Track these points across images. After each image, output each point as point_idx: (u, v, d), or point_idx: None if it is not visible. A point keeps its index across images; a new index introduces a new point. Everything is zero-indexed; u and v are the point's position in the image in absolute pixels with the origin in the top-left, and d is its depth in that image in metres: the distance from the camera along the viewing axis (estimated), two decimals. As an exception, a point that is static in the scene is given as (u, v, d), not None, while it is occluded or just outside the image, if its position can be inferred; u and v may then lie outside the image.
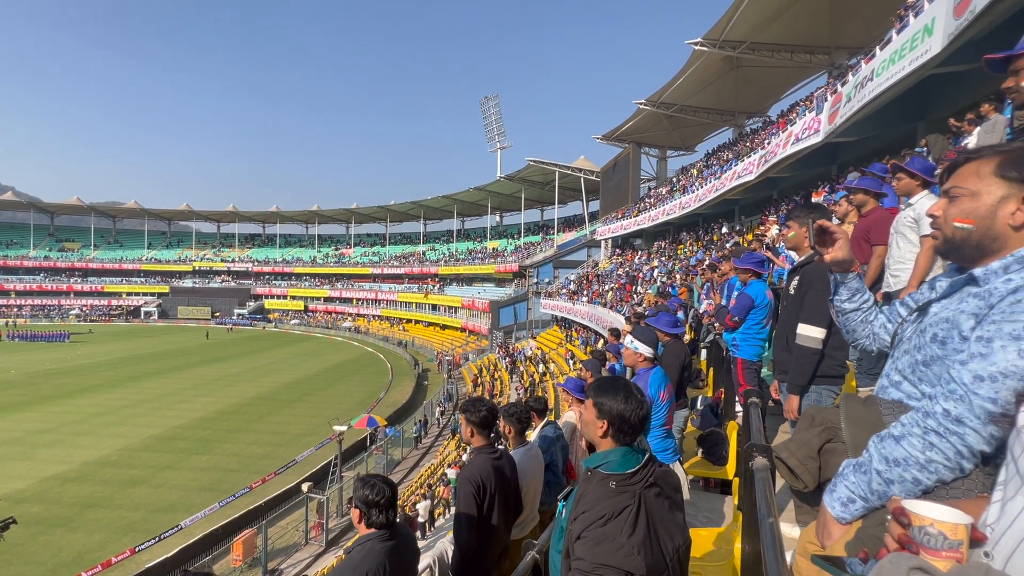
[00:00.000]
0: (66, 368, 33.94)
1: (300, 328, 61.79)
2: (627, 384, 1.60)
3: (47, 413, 23.39)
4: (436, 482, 16.45)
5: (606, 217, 36.93)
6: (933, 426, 0.98)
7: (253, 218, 76.58)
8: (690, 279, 12.75)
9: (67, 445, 19.33)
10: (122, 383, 29.66)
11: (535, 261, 44.87)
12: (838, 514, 1.08)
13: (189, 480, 16.67)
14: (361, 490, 1.98)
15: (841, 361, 2.66)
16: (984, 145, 1.46)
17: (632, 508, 1.39)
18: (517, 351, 33.16)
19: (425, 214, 67.29)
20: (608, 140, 35.71)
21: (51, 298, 67.01)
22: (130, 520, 14.05)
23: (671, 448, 3.35)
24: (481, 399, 2.75)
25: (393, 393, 29.32)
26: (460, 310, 49.29)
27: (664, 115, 29.60)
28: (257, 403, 26.20)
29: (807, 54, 21.38)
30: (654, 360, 3.54)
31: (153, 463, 17.88)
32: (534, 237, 54.31)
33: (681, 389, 4.21)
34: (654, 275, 21.27)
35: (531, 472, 3.23)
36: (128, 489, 15.86)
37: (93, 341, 47.45)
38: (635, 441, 1.58)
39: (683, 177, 29.94)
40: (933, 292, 1.17)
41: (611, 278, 28.09)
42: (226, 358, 39.28)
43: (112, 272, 70.68)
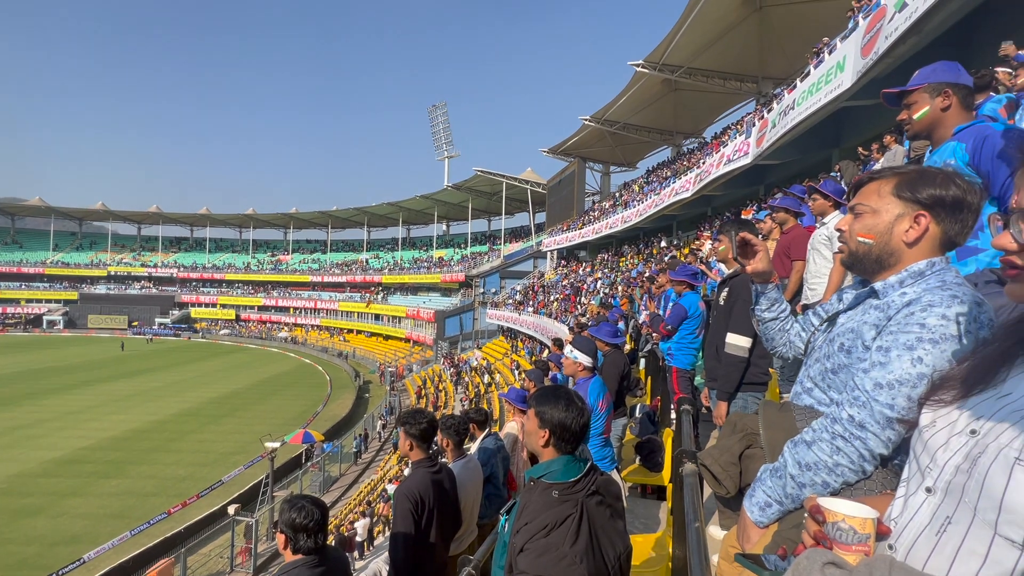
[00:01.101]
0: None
1: (231, 338, 58.15)
2: (568, 392, 1.61)
3: (-79, 436, 20.49)
4: (376, 499, 15.89)
5: (552, 229, 37.65)
6: (840, 431, 1.05)
7: (180, 220, 71.51)
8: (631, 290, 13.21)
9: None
10: (17, 401, 26.52)
11: (482, 271, 44.86)
12: (756, 518, 1.13)
13: (96, 507, 15.10)
14: (288, 513, 1.86)
15: (765, 368, 2.82)
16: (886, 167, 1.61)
17: (575, 517, 1.39)
18: (462, 362, 32.86)
19: (369, 221, 65.64)
20: (554, 154, 36.55)
21: (-69, 305, 59.14)
22: (22, 555, 12.50)
23: (609, 456, 3.42)
24: (421, 411, 2.68)
25: (332, 407, 28.12)
26: (404, 320, 48.30)
27: (608, 132, 30.71)
28: (180, 420, 24.28)
29: (738, 81, 22.98)
30: (593, 370, 3.61)
31: (52, 489, 16.06)
32: (481, 247, 54.34)
33: (620, 398, 4.32)
34: (597, 286, 21.86)
35: (470, 485, 3.18)
36: (21, 520, 14.13)
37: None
38: (577, 450, 1.59)
39: (625, 192, 31.12)
40: (841, 303, 1.26)
41: (556, 289, 28.57)
42: (144, 371, 36.14)
43: (8, 276, 63.51)
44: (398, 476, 15.92)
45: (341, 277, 60.13)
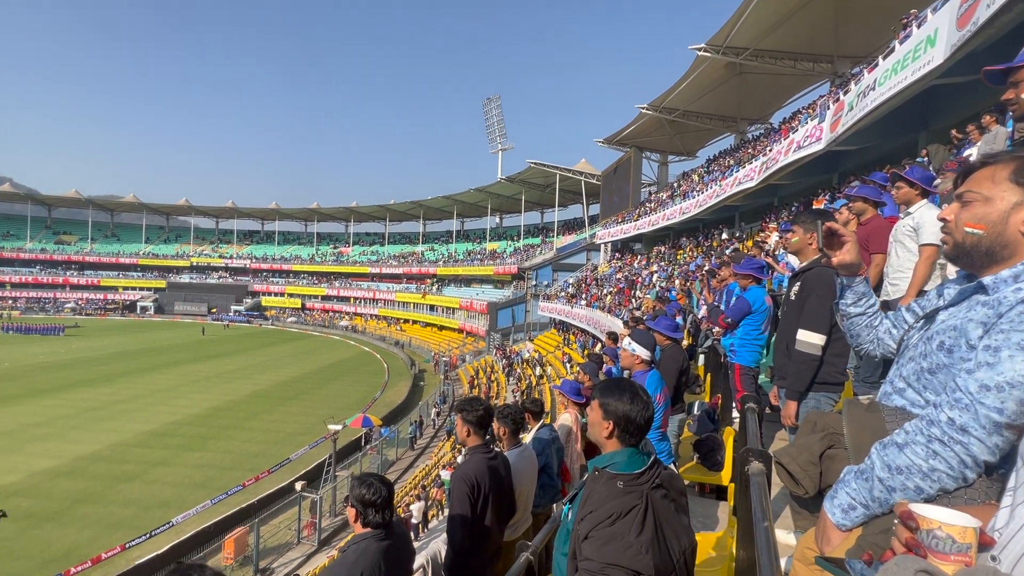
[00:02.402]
0: (60, 362, 33.81)
1: (297, 326, 61.69)
2: (633, 386, 1.60)
3: (40, 406, 23.29)
4: (430, 484, 16.40)
5: (606, 221, 36.99)
6: (937, 435, 0.97)
7: (252, 214, 76.49)
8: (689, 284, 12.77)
9: (59, 439, 19.24)
10: (116, 378, 29.55)
11: (534, 263, 44.87)
12: (838, 520, 1.07)
13: (182, 477, 16.60)
14: (358, 489, 1.97)
15: (840, 368, 2.65)
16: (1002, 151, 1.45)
17: (640, 508, 1.39)
18: (514, 353, 33.12)
19: (425, 214, 67.27)
20: (610, 144, 35.79)
21: (47, 291, 66.80)
22: (121, 516, 13.98)
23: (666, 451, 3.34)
24: (478, 399, 2.74)
25: (389, 393, 29.26)
26: (458, 311, 49.24)
27: (666, 120, 29.67)
28: (252, 400, 26.13)
29: (810, 62, 21.46)
30: (651, 363, 3.53)
31: (146, 459, 17.81)
32: (533, 239, 54.32)
33: (678, 394, 4.20)
34: (653, 280, 21.29)
35: (525, 473, 3.21)
36: (120, 485, 15.79)
37: (87, 335, 47.29)
38: (641, 442, 1.58)
39: (684, 182, 30.01)
40: (941, 299, 1.16)
41: (610, 282, 28.10)
42: (222, 355, 39.18)
43: (109, 266, 70.50)
44: (452, 463, 16.35)
45: (398, 269, 62.14)
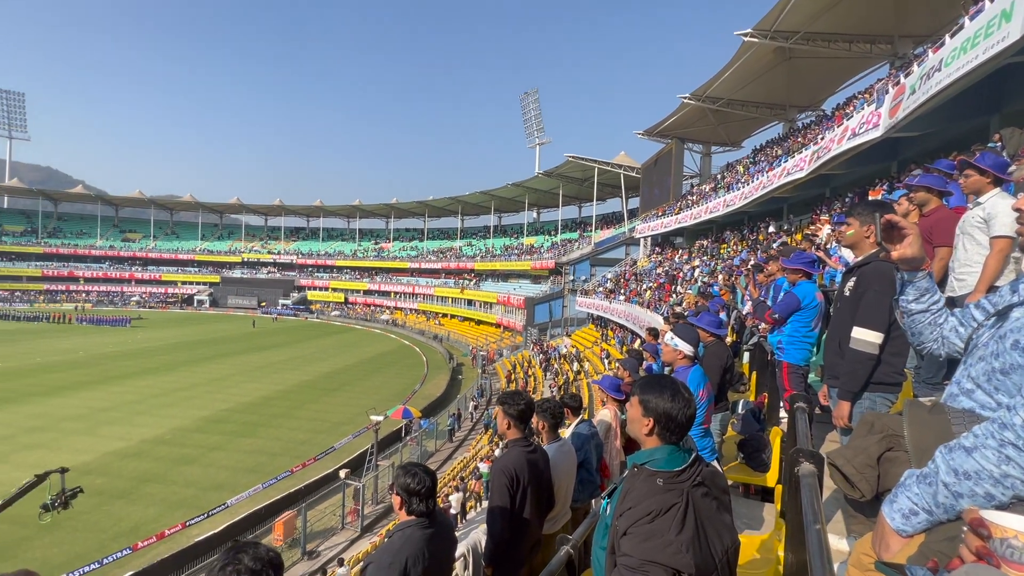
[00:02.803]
0: (127, 351, 36.35)
1: (340, 319, 63.73)
2: (674, 383, 1.58)
3: (110, 392, 25.13)
4: (468, 475, 16.66)
5: (646, 215, 36.24)
6: (1011, 439, 0.91)
7: (298, 212, 79.53)
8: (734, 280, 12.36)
9: (127, 423, 20.71)
10: (176, 367, 31.49)
11: (572, 258, 44.54)
12: (898, 526, 1.02)
13: (236, 461, 17.53)
14: (403, 478, 2.03)
15: (899, 368, 2.51)
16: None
17: (680, 506, 1.38)
18: (552, 348, 33.06)
19: (463, 210, 67.91)
20: (650, 135, 34.98)
21: (115, 285, 71.77)
22: (182, 496, 14.93)
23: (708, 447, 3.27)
24: (519, 392, 2.76)
25: (428, 386, 29.82)
26: (495, 306, 49.52)
27: (710, 109, 28.71)
28: (299, 390, 27.25)
29: (867, 43, 20.22)
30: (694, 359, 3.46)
31: (203, 443, 18.91)
32: (571, 234, 53.90)
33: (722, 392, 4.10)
34: (695, 275, 20.73)
35: (564, 468, 3.22)
36: (181, 467, 16.85)
37: (151, 327, 50.57)
38: (681, 440, 1.57)
39: (728, 174, 28.99)
40: (1015, 295, 1.09)
41: (650, 277, 27.57)
42: (271, 346, 41.04)
43: (169, 262, 75.03)
44: (489, 456, 16.54)
45: (437, 264, 63.07)
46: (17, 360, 31.76)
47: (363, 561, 11.29)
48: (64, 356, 33.86)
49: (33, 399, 23.39)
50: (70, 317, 54.08)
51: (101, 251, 73.44)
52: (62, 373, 28.77)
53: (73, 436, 19.00)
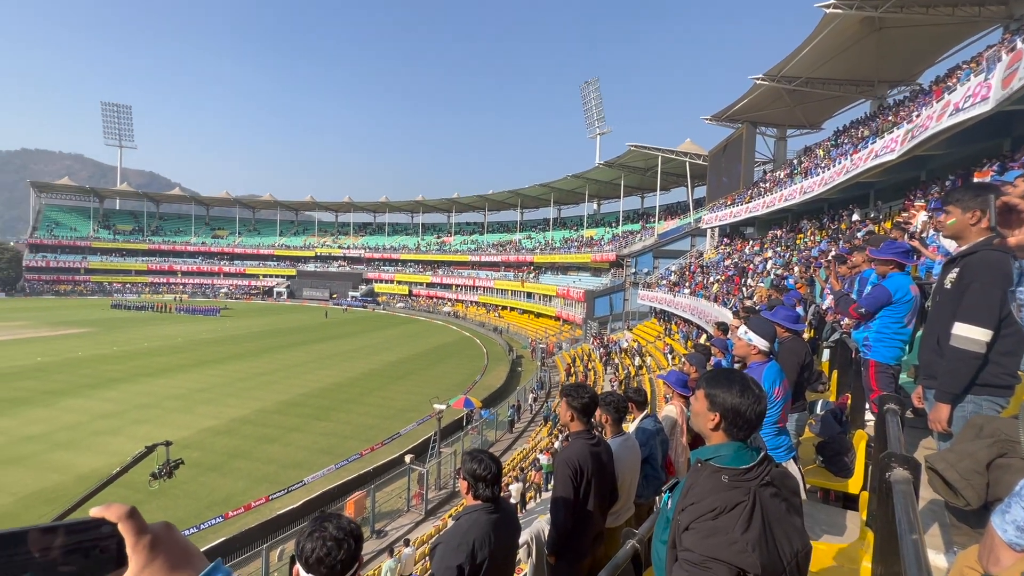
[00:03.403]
0: (218, 338, 39.88)
1: (404, 311, 66.18)
2: (744, 378, 1.53)
3: (204, 375, 27.71)
4: (528, 466, 16.82)
5: (713, 204, 34.59)
6: None
7: (365, 208, 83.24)
8: (812, 272, 11.56)
9: (218, 403, 22.76)
10: (259, 354, 34.15)
11: (634, 250, 43.46)
12: (1011, 539, 0.93)
13: (311, 442, 18.79)
14: (469, 464, 2.10)
15: (1011, 369, 2.25)
16: None
17: (746, 505, 1.34)
18: (612, 342, 32.54)
19: (522, 203, 68.10)
20: (718, 121, 33.26)
21: (206, 278, 78.83)
22: (265, 472, 16.22)
23: (784, 445, 3.10)
24: (584, 385, 2.76)
25: (488, 377, 30.35)
26: (555, 299, 49.40)
27: (785, 90, 26.82)
28: (367, 378, 28.67)
29: (976, 6, 18.01)
30: (769, 355, 3.28)
31: (283, 424, 20.41)
32: (633, 225, 52.57)
33: (799, 390, 3.86)
34: (767, 267, 19.58)
35: (627, 462, 3.18)
36: (264, 445, 18.30)
37: (237, 316, 55.10)
38: (749, 437, 1.52)
39: (806, 158, 27.01)
40: None
41: (717, 269, 26.36)
42: (342, 336, 43.43)
43: (252, 256, 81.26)
44: (549, 447, 16.60)
45: (496, 257, 63.79)
46: (128, 345, 35.78)
47: (432, 541, 11.75)
48: (166, 342, 37.74)
49: (141, 379, 26.28)
50: (170, 307, 60.09)
51: (195, 247, 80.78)
52: (165, 357, 32.09)
53: (174, 413, 21.15)
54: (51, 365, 28.86)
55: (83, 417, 20.28)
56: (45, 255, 74.73)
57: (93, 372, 27.51)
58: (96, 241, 77.48)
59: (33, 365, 28.69)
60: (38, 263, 74.14)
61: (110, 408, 21.47)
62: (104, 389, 24.29)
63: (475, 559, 2.05)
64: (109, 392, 23.83)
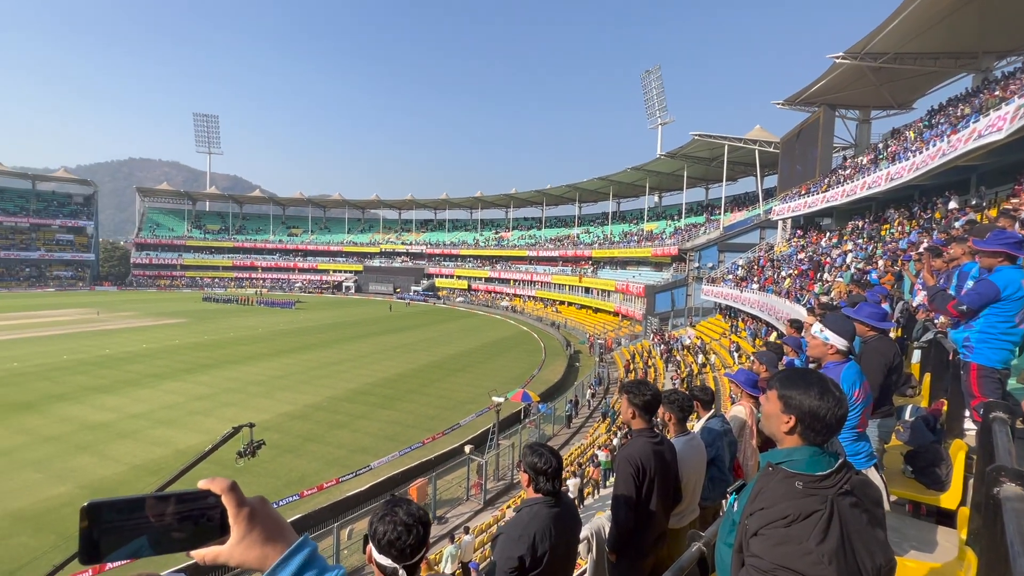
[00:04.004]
0: (293, 329, 42.65)
1: (464, 305, 67.52)
2: (822, 379, 1.44)
3: (281, 364, 29.74)
4: (586, 462, 16.69)
5: (785, 194, 32.47)
6: None
7: (427, 205, 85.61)
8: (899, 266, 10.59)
9: (294, 390, 24.35)
10: (329, 344, 36.17)
11: (697, 244, 41.76)
12: None
13: (377, 429, 19.67)
14: (530, 457, 2.11)
15: None
16: None
17: (822, 514, 1.27)
18: (673, 339, 31.52)
19: (580, 197, 67.33)
20: (792, 105, 31.10)
21: (283, 274, 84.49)
22: (335, 456, 17.19)
23: (864, 452, 2.87)
24: (645, 382, 2.69)
25: (546, 371, 30.36)
26: (613, 294, 48.53)
27: (870, 68, 24.61)
28: (429, 370, 29.57)
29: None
30: (847, 354, 3.04)
31: (351, 412, 21.52)
32: (697, 218, 50.50)
33: (885, 394, 3.55)
34: (846, 260, 18.14)
35: (692, 463, 3.07)
36: (334, 431, 19.38)
37: (310, 309, 58.63)
38: (827, 442, 1.42)
39: (893, 142, 24.67)
40: None
41: (789, 263, 24.77)
42: (404, 329, 45.06)
43: (323, 253, 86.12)
44: (607, 444, 16.38)
45: (554, 252, 63.52)
46: (217, 335, 39.08)
47: (495, 531, 11.98)
48: (249, 332, 40.84)
49: (228, 366, 28.64)
50: (252, 300, 64.95)
51: (273, 244, 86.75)
52: (248, 346, 34.75)
53: (256, 398, 22.88)
54: (154, 351, 32.10)
55: (180, 398, 22.42)
56: (148, 253, 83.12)
57: (188, 358, 30.31)
58: (189, 240, 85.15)
59: (140, 351, 32.05)
60: (143, 260, 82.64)
61: (203, 391, 23.57)
62: (198, 374, 26.70)
63: (536, 551, 2.06)
64: (202, 376, 26.17)
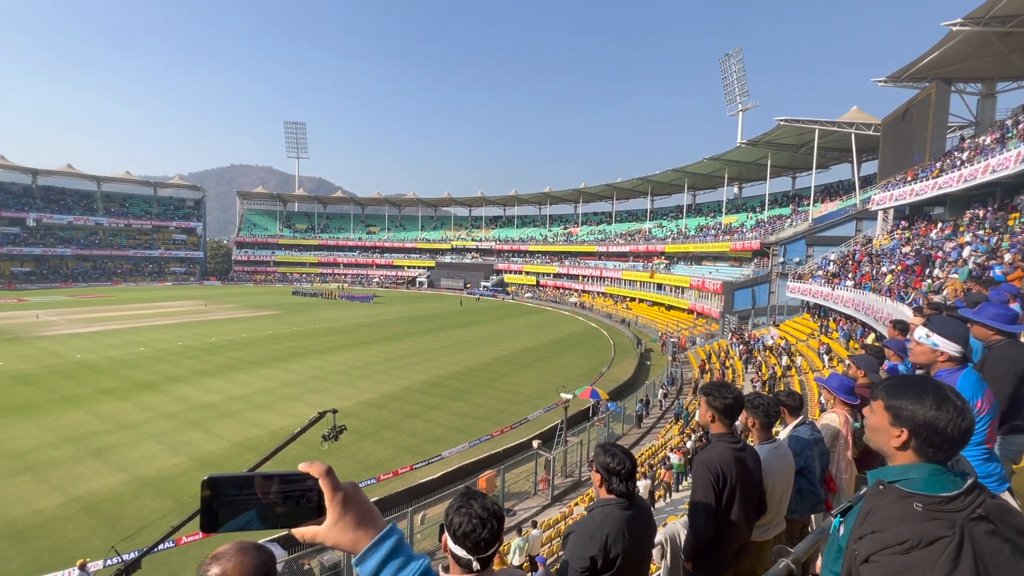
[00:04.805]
0: (371, 322, 45.10)
1: (532, 301, 67.80)
2: (939, 386, 1.27)
3: (361, 354, 31.58)
4: (657, 464, 16.18)
5: (888, 181, 29.33)
6: None
7: (496, 202, 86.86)
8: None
9: (372, 380, 25.75)
10: (404, 337, 37.85)
11: (782, 237, 38.92)
12: None
13: (448, 420, 20.32)
14: (603, 457, 2.07)
15: None
16: None
17: (950, 541, 1.12)
18: (754, 339, 29.65)
19: (652, 190, 65.09)
20: (896, 81, 27.97)
21: (362, 269, 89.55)
22: (409, 444, 17.97)
23: (997, 474, 2.52)
24: (727, 384, 2.55)
25: (615, 369, 29.79)
26: (688, 290, 46.58)
27: (996, 33, 21.53)
28: (498, 364, 30.05)
29: None
30: (963, 360, 2.68)
31: (424, 402, 22.38)
32: (782, 209, 47.07)
33: (1016, 407, 3.10)
34: (963, 254, 16.08)
35: (778, 472, 2.87)
36: (408, 420, 20.26)
37: (386, 303, 61.67)
38: (950, 459, 1.26)
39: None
40: None
41: (891, 258, 22.39)
42: (474, 323, 46.10)
43: (398, 250, 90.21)
44: (680, 447, 15.78)
45: (625, 247, 61.99)
46: (304, 326, 42.24)
47: (564, 529, 11.99)
48: (331, 324, 43.74)
49: (315, 355, 30.86)
50: (335, 294, 69.51)
51: (353, 242, 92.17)
52: (331, 337, 37.25)
53: (339, 386, 24.46)
54: (251, 340, 35.30)
55: (273, 384, 24.49)
56: (246, 251, 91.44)
57: (280, 347, 33.04)
58: (281, 239, 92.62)
59: (239, 340, 35.39)
60: (242, 257, 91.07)
61: (292, 378, 25.58)
62: (288, 362, 29.02)
63: (608, 553, 2.02)
64: (292, 364, 28.41)
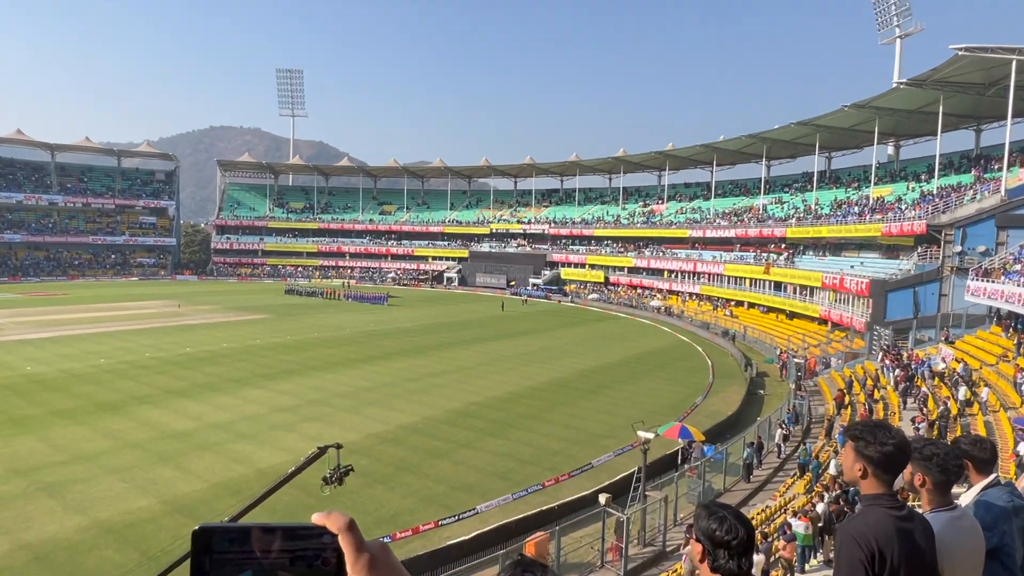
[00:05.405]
0: (385, 330, 46.42)
1: (599, 304, 67.49)
2: None
3: (371, 372, 32.58)
4: (773, 532, 15.72)
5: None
6: None
7: (550, 170, 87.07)
8: None
9: (385, 406, 26.48)
10: (427, 351, 38.71)
11: (959, 217, 36.90)
12: None
13: (484, 463, 20.56)
14: (706, 521, 1.99)
15: None
16: None
17: None
18: (917, 360, 28.38)
19: (768, 151, 63.13)
20: None
21: (374, 261, 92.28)
22: (434, 492, 18.32)
23: None
24: (884, 425, 2.42)
25: (713, 400, 29.22)
26: (819, 291, 45.29)
27: None
28: (551, 389, 30.11)
29: None
30: None
31: (453, 437, 22.76)
32: (961, 176, 44.54)
33: None
34: None
35: (961, 551, 2.70)
36: (432, 460, 20.67)
37: (404, 305, 63.28)
38: None
39: None
40: None
41: None
42: (520, 333, 46.47)
43: (420, 235, 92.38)
44: (807, 510, 15.25)
45: (728, 231, 60.56)
46: (299, 335, 43.97)
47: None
48: (334, 332, 45.30)
49: (313, 373, 32.09)
50: (339, 293, 72.05)
51: (362, 225, 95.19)
52: (334, 349, 38.63)
53: (343, 413, 25.29)
54: (234, 352, 37.09)
55: (262, 408, 25.64)
56: (229, 236, 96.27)
57: (270, 362, 34.56)
58: (271, 221, 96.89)
59: (220, 351, 37.27)
60: (223, 244, 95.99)
61: (285, 402, 26.69)
62: (280, 380, 30.32)
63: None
64: (284, 384, 29.65)
